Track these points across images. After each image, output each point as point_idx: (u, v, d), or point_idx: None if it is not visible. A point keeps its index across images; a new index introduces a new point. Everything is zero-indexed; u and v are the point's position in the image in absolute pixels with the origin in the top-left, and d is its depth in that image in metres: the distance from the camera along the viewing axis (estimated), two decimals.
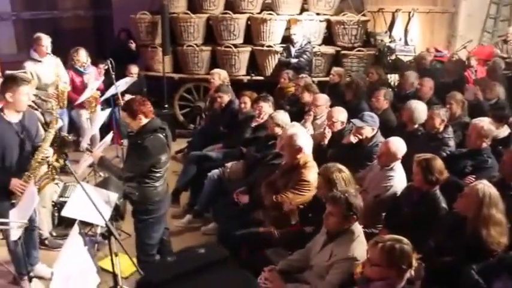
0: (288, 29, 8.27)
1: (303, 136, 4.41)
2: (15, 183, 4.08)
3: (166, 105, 8.38)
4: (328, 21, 8.34)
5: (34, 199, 3.73)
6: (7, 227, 3.80)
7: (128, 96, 6.71)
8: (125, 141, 6.97)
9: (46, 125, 4.76)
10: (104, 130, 6.55)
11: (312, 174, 4.24)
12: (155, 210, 4.05)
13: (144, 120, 3.93)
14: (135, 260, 4.01)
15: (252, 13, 8.33)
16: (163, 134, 3.99)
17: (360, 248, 3.25)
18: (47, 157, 4.34)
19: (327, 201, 3.44)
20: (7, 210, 3.86)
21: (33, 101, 4.43)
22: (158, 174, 3.99)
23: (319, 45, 8.37)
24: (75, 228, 3.21)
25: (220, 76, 7.15)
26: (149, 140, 3.87)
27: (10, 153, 4.10)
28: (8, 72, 6.03)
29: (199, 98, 8.73)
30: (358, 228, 3.38)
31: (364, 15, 8.36)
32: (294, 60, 7.72)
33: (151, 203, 4.02)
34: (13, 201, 4.11)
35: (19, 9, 9.89)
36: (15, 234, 3.63)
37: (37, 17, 9.97)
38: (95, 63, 7.53)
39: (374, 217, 4.18)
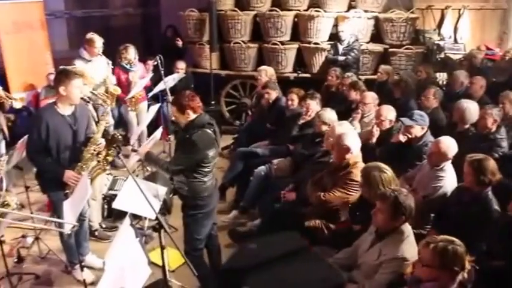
0: (335, 26, 8.25)
1: (351, 136, 4.37)
2: (68, 175, 4.24)
3: (213, 102, 8.47)
4: (376, 19, 8.25)
5: (87, 191, 3.80)
6: (61, 229, 3.90)
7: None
8: (172, 137, 7.12)
9: (97, 119, 4.92)
10: (152, 125, 6.68)
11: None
12: (204, 206, 4.06)
13: (192, 116, 3.93)
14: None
15: (299, 10, 8.33)
16: (212, 130, 4.00)
17: (410, 248, 3.22)
18: (99, 149, 4.48)
19: (375, 198, 3.42)
20: (61, 201, 4.00)
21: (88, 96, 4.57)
22: (206, 169, 3.99)
23: (367, 42, 8.30)
24: (127, 220, 3.29)
25: (267, 73, 7.18)
26: (197, 135, 3.87)
27: (63, 145, 4.25)
28: (62, 67, 6.25)
29: (246, 94, 8.82)
30: (408, 228, 3.34)
31: (412, 12, 8.21)
32: (341, 58, 7.69)
33: (200, 198, 4.03)
34: (66, 191, 4.26)
35: (72, 8, 10.21)
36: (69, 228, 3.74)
37: (88, 15, 10.27)
38: (143, 59, 7.67)
39: (422, 218, 4.12)
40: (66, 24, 10.20)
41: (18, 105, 5.97)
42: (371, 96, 5.88)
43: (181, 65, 7.89)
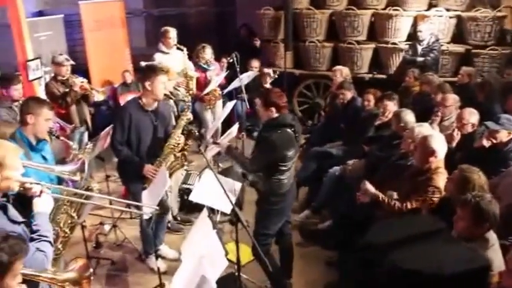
0: (414, 25, 8.00)
1: (439, 139, 4.17)
2: (148, 168, 4.38)
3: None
4: (459, 18, 7.92)
5: (166, 183, 3.91)
6: (141, 212, 3.98)
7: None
8: (245, 134, 7.16)
9: (177, 115, 5.02)
10: (224, 123, 6.74)
11: (442, 181, 4.02)
12: (277, 202, 4.07)
13: (275, 114, 3.94)
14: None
15: (376, 9, 8.20)
16: (292, 130, 3.98)
17: (495, 258, 3.05)
18: (178, 144, 4.58)
19: (457, 203, 3.27)
20: (139, 192, 4.13)
21: (170, 92, 4.68)
22: (284, 168, 3.98)
23: (448, 43, 7.98)
24: (204, 211, 3.33)
25: (342, 73, 7.06)
26: (277, 135, 3.88)
27: (145, 139, 4.40)
28: (142, 63, 6.46)
29: (319, 95, 8.73)
30: (493, 236, 3.16)
31: (499, 10, 7.79)
32: (420, 59, 7.45)
33: (274, 195, 4.03)
34: (145, 185, 4.37)
35: (150, 7, 10.56)
36: (148, 213, 3.83)
37: (165, 13, 10.57)
38: (217, 58, 7.76)
39: (507, 227, 3.90)
40: (144, 22, 10.56)
41: (100, 97, 6.22)
42: (452, 99, 5.62)
43: (255, 63, 7.92)
